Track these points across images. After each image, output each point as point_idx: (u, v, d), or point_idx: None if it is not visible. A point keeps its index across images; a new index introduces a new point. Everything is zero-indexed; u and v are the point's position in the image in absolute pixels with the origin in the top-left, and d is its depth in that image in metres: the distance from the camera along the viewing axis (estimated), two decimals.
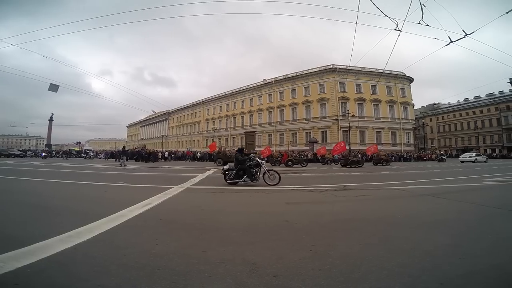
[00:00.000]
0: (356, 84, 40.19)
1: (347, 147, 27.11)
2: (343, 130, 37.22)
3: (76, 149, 56.39)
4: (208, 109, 61.73)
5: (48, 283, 1.89)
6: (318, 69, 41.75)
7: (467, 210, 4.72)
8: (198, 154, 36.11)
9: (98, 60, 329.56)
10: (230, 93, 55.28)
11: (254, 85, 50.73)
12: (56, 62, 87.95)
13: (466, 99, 61.65)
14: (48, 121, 61.15)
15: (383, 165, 22.72)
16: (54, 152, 43.41)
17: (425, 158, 37.20)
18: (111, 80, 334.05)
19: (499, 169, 16.55)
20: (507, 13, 8.02)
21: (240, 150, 8.42)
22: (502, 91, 53.44)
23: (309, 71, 42.84)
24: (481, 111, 55.82)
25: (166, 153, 36.77)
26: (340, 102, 39.03)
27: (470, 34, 8.50)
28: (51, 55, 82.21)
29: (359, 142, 37.43)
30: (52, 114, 61.61)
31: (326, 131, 39.42)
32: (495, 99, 53.64)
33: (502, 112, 50.84)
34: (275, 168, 10.48)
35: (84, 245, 2.64)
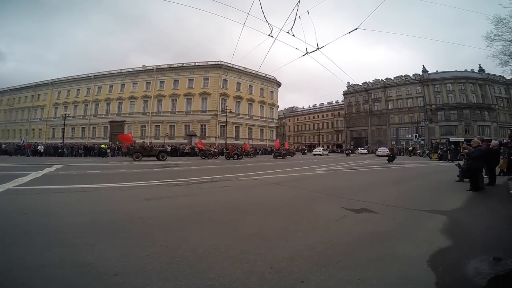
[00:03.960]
0: (237, 82, 43.17)
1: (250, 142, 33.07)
2: (221, 125, 39.20)
3: None
4: (59, 92, 48.84)
5: None
6: (205, 63, 41.79)
7: (298, 195, 5.59)
8: (40, 147, 26.81)
9: None
10: (94, 75, 46.03)
11: (130, 70, 44.57)
12: None
13: (314, 105, 79.39)
14: None
15: (291, 156, 29.39)
16: None
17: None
18: None
19: (329, 160, 22.29)
20: (349, 32, 9.07)
21: None
22: (338, 100, 71.54)
23: (196, 63, 42.07)
24: (323, 116, 73.36)
25: None
26: (221, 98, 40.79)
27: (320, 48, 9.40)
28: None
29: (234, 137, 40.42)
30: None
31: (205, 125, 40.23)
32: (332, 107, 71.82)
33: (335, 118, 68.76)
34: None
35: None
